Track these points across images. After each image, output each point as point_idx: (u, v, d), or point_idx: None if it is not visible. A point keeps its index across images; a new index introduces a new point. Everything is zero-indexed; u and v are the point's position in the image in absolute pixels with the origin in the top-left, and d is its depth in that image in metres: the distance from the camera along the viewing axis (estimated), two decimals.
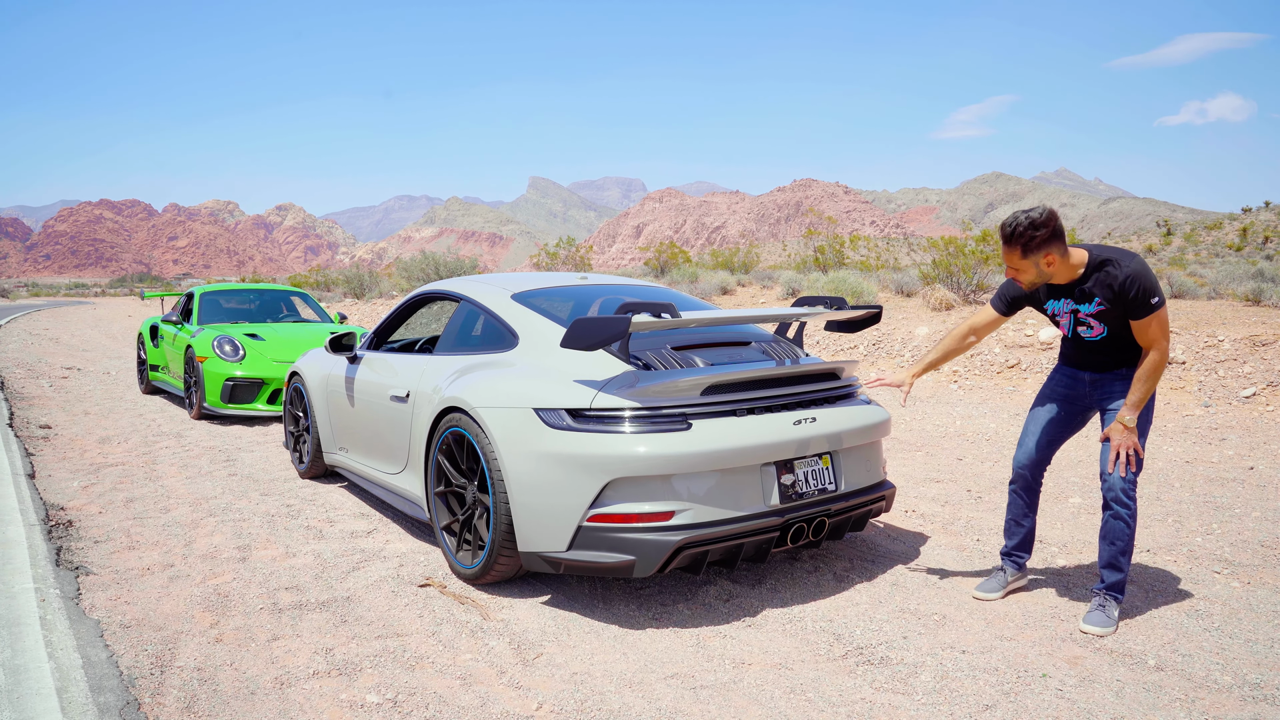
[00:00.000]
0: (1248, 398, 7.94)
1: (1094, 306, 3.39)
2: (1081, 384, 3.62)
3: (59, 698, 2.84)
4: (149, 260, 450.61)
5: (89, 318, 32.70)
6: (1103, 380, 3.54)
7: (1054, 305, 3.55)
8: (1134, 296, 3.26)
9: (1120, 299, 3.30)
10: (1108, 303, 3.34)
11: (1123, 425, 3.35)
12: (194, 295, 10.19)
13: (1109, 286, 3.31)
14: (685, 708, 2.83)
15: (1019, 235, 3.29)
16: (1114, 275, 3.29)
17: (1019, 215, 3.31)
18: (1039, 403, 3.75)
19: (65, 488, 5.69)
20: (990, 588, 3.74)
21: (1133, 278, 3.25)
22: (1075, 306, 3.46)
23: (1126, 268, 3.27)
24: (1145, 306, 3.27)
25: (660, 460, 3.35)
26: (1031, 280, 3.40)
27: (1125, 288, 3.26)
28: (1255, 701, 2.83)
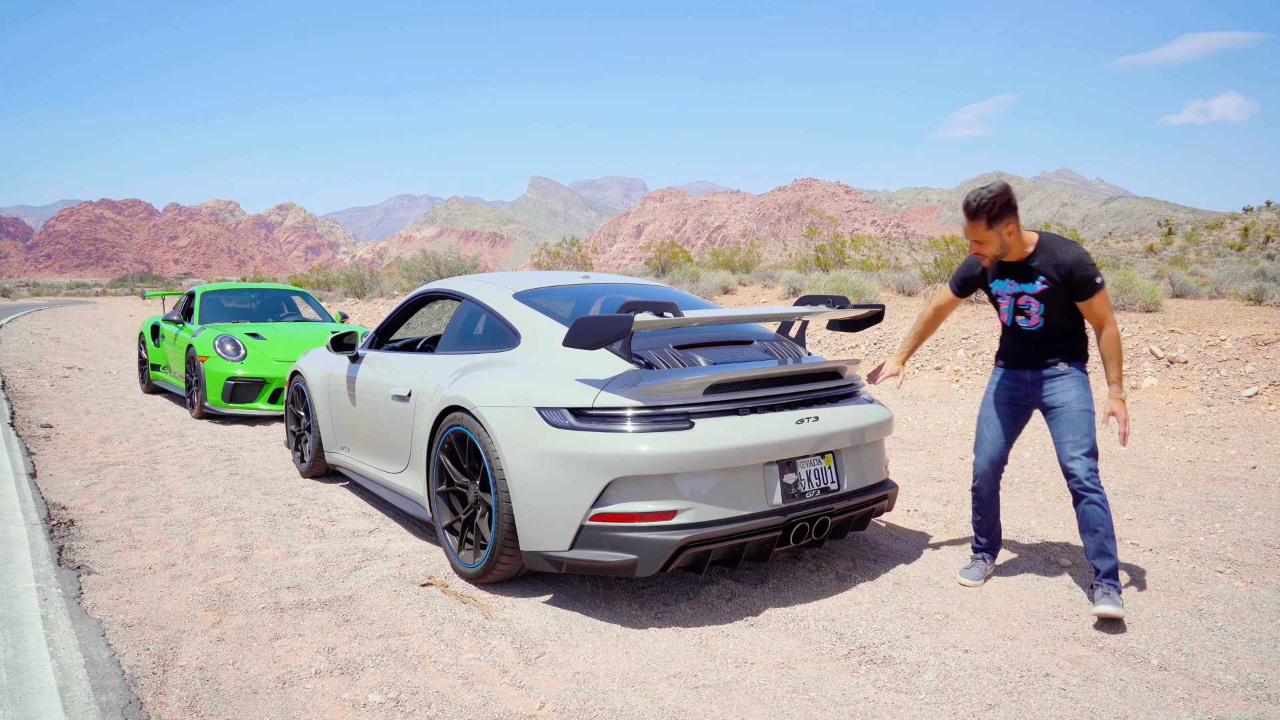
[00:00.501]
0: (1250, 397, 7.93)
1: (1037, 285, 3.57)
2: (1023, 384, 3.77)
3: (61, 697, 2.84)
4: (150, 260, 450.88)
5: (90, 317, 32.71)
6: (1042, 379, 3.71)
7: (998, 285, 3.72)
8: (1080, 277, 3.50)
9: (1067, 279, 3.51)
10: (1052, 282, 3.53)
11: (1121, 400, 3.58)
12: (195, 295, 10.19)
13: (1056, 266, 3.52)
14: (688, 707, 2.83)
15: (984, 207, 3.47)
16: (1061, 256, 3.53)
17: (979, 190, 3.51)
18: (987, 408, 3.90)
19: (67, 487, 5.68)
20: (974, 575, 3.89)
21: (1079, 259, 3.51)
22: (1020, 287, 3.63)
23: (1072, 249, 3.54)
24: (1091, 285, 3.50)
25: (662, 459, 3.35)
26: (995, 253, 3.58)
27: (1073, 268, 3.49)
28: (1259, 701, 2.83)
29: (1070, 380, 3.64)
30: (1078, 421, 3.57)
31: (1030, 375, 3.74)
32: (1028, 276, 3.60)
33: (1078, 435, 3.56)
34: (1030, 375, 3.74)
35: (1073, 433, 3.57)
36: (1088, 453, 3.54)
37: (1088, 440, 3.55)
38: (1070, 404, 3.60)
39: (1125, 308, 12.54)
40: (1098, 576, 3.54)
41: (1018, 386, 3.79)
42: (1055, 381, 3.66)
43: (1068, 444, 3.58)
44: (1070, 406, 3.60)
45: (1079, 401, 3.60)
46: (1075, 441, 3.56)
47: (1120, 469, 6.00)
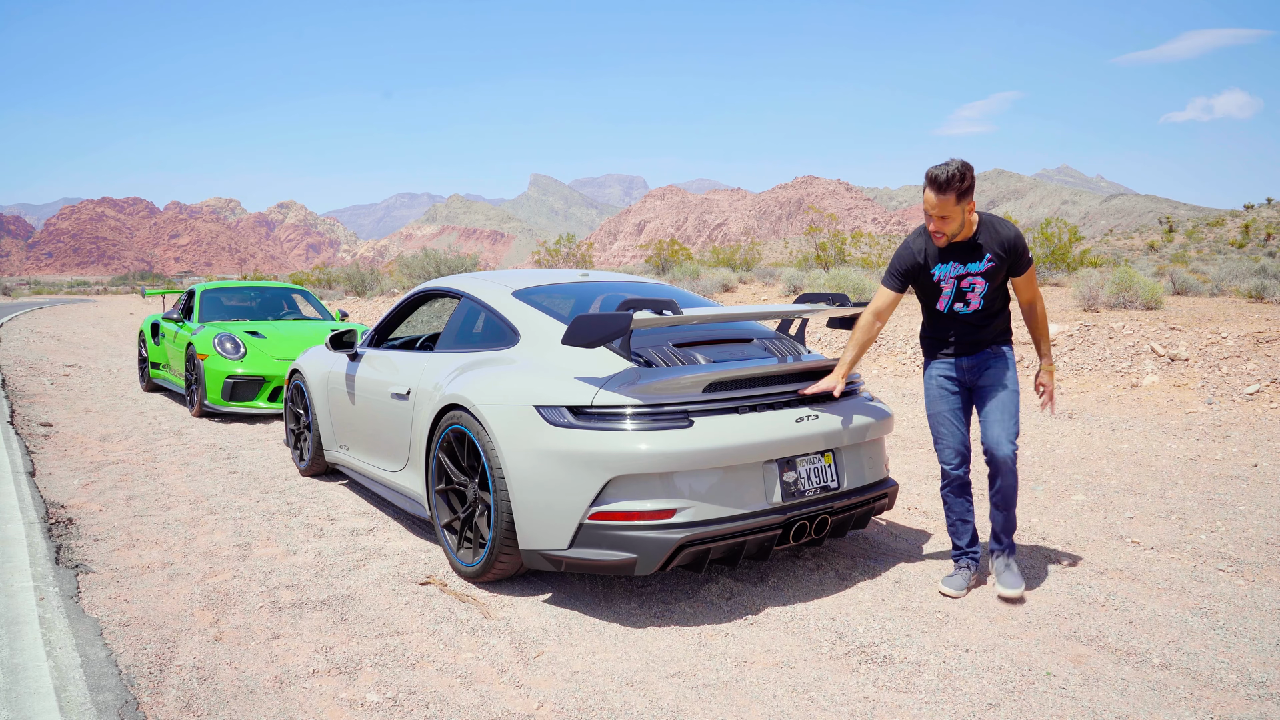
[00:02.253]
0: (1251, 394, 7.91)
1: (983, 264, 3.63)
2: (961, 371, 3.81)
3: (57, 697, 2.83)
4: (151, 258, 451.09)
5: (90, 315, 32.72)
6: (977, 364, 3.78)
7: (941, 270, 3.71)
8: (1022, 251, 3.67)
9: (1011, 253, 3.64)
10: (998, 258, 3.63)
11: (1050, 370, 3.83)
12: (195, 293, 10.18)
13: (1000, 243, 3.63)
14: (687, 706, 2.81)
15: (953, 181, 3.47)
16: (1004, 231, 3.65)
17: (949, 164, 3.49)
18: (934, 404, 3.87)
19: (65, 485, 5.67)
20: (957, 584, 3.77)
21: (1018, 235, 3.67)
22: (965, 268, 3.65)
23: (1011, 228, 3.67)
24: (1027, 260, 3.70)
25: (662, 458, 3.33)
26: (954, 230, 3.59)
27: (1017, 243, 3.65)
28: (1261, 700, 2.81)
29: (1002, 363, 3.75)
30: (1006, 404, 3.69)
31: (968, 362, 3.79)
32: (974, 255, 3.64)
33: (1005, 418, 3.68)
34: (968, 362, 3.79)
35: (1001, 414, 3.68)
36: (1015, 433, 3.69)
37: (1014, 422, 3.69)
38: (1002, 384, 3.71)
39: (1125, 305, 12.53)
40: (1000, 547, 3.79)
41: (957, 374, 3.82)
42: (988, 364, 3.76)
43: (996, 425, 3.68)
44: (1003, 388, 3.71)
45: (1011, 382, 3.72)
46: (1003, 424, 3.67)
47: (1121, 467, 5.99)
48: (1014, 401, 3.70)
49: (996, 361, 3.76)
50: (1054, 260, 19.30)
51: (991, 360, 3.76)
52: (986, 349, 3.77)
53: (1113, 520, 4.77)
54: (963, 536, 3.88)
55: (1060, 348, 10.05)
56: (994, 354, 3.76)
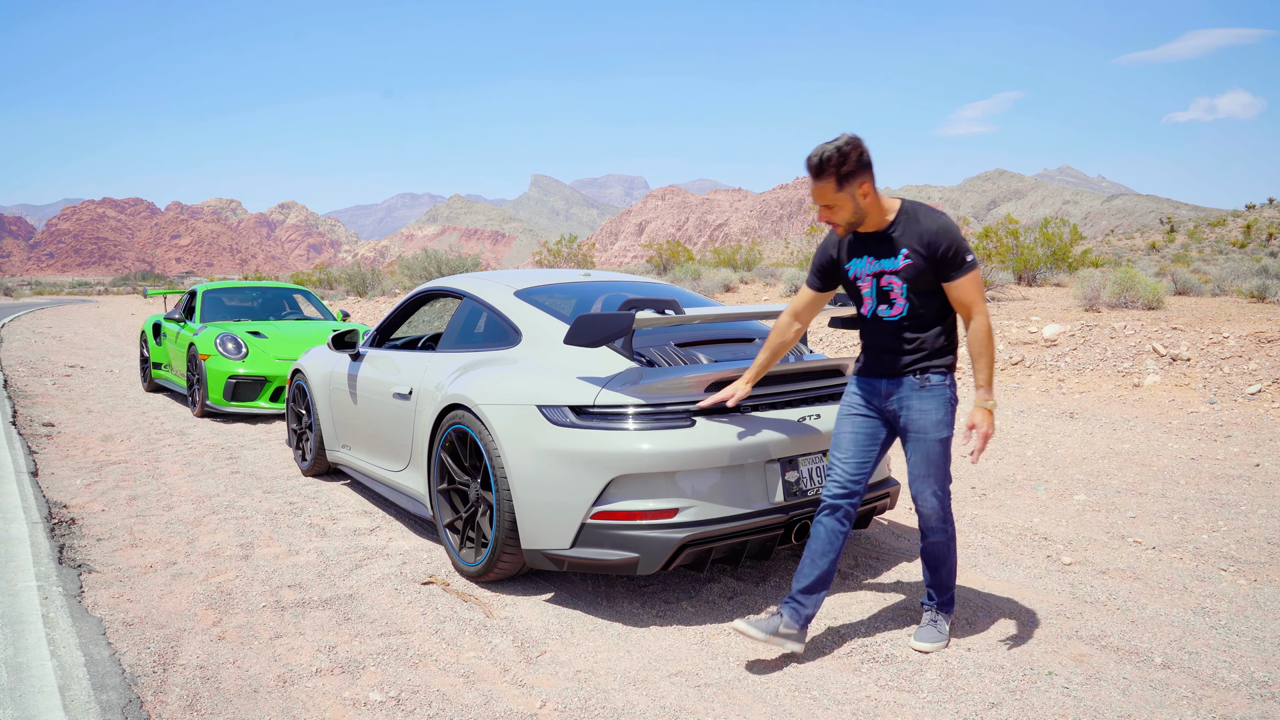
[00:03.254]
0: (1253, 394, 7.91)
1: (900, 260, 3.03)
2: (878, 396, 3.20)
3: (61, 696, 2.83)
4: (152, 258, 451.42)
5: (92, 316, 32.74)
6: (898, 393, 3.14)
7: (856, 265, 3.15)
8: (945, 250, 2.98)
9: (931, 253, 2.99)
10: (916, 255, 3.00)
11: (986, 410, 3.03)
12: (196, 293, 10.19)
13: (919, 236, 3.00)
14: (689, 705, 2.82)
15: (830, 162, 2.92)
16: (925, 224, 3.02)
17: (825, 145, 2.94)
18: (840, 424, 3.29)
19: (68, 485, 5.68)
20: (759, 626, 3.09)
21: (944, 229, 3.00)
22: (880, 264, 3.07)
23: (938, 219, 3.03)
24: (960, 262, 2.99)
25: (664, 457, 3.34)
26: (848, 219, 3.03)
27: (937, 240, 2.98)
28: (1263, 699, 2.81)
29: (930, 399, 3.09)
30: (933, 454, 3.11)
31: (886, 387, 3.16)
32: (889, 250, 3.06)
33: (931, 469, 3.12)
34: (886, 387, 3.16)
35: (926, 466, 3.12)
36: (942, 487, 3.15)
37: (943, 474, 3.14)
38: (928, 432, 3.09)
39: (1127, 305, 12.53)
40: (929, 604, 3.32)
41: (874, 397, 3.21)
42: (913, 399, 3.11)
43: (920, 479, 3.15)
44: (928, 435, 3.10)
45: (936, 428, 3.09)
46: (928, 480, 3.13)
47: (1122, 467, 5.99)
48: (942, 450, 3.11)
49: (923, 399, 3.09)
50: (1055, 260, 19.30)
51: (916, 395, 3.10)
52: (910, 375, 3.10)
53: (1114, 520, 4.78)
54: (802, 578, 3.17)
55: (1061, 348, 10.05)
56: (919, 385, 3.09)
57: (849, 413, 3.27)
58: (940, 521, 3.19)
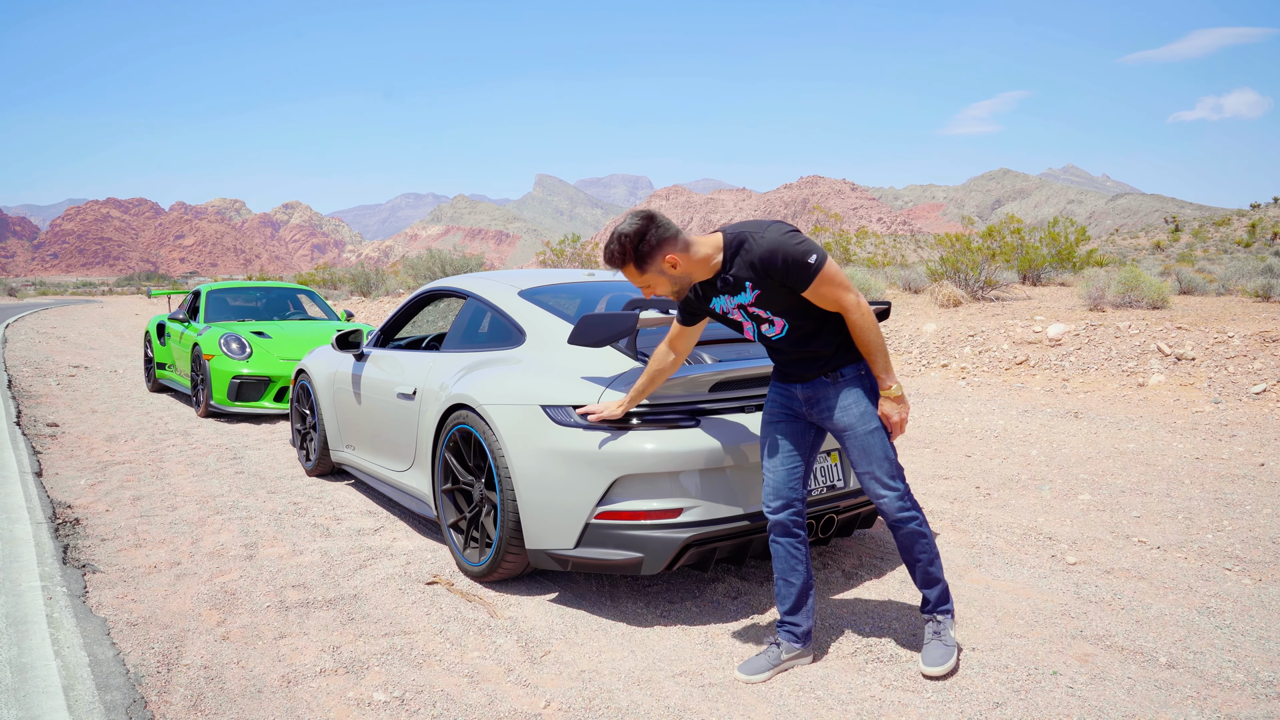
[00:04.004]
0: (1258, 394, 7.89)
1: (750, 293, 2.91)
2: (797, 401, 3.11)
3: (65, 696, 2.84)
4: (156, 259, 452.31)
5: (96, 316, 32.80)
6: (814, 396, 3.05)
7: (719, 303, 3.04)
8: (784, 267, 2.80)
9: (769, 274, 2.83)
10: (760, 285, 2.87)
11: (891, 398, 2.95)
12: (201, 293, 10.21)
13: (751, 266, 2.85)
14: (694, 705, 2.81)
15: (619, 256, 2.87)
16: (752, 252, 2.84)
17: (615, 230, 2.87)
18: (764, 432, 3.20)
19: (72, 486, 5.69)
20: (755, 667, 3.04)
21: (772, 249, 2.80)
22: (736, 301, 2.98)
23: (762, 240, 2.82)
24: (804, 271, 2.80)
25: (668, 457, 3.33)
26: (672, 290, 2.95)
27: (769, 261, 2.80)
28: (1268, 699, 2.81)
29: (848, 393, 2.99)
30: (868, 446, 2.98)
31: (801, 390, 3.08)
32: (735, 287, 2.93)
33: (872, 462, 2.98)
34: (801, 390, 3.08)
35: (866, 461, 2.99)
36: (890, 476, 2.99)
37: (886, 463, 2.98)
38: (854, 426, 2.98)
39: (1131, 305, 12.50)
40: (926, 607, 3.12)
41: (792, 402, 3.12)
42: (829, 398, 3.02)
43: (865, 476, 3.01)
44: (855, 429, 2.98)
45: (862, 420, 2.97)
46: (871, 471, 2.99)
47: (1127, 466, 5.97)
48: (877, 442, 2.97)
49: (839, 394, 2.99)
50: (1060, 260, 19.27)
51: (832, 394, 3.00)
52: (822, 377, 3.01)
53: (1119, 519, 4.77)
54: (784, 600, 3.12)
55: (1066, 347, 10.03)
56: (833, 383, 3.00)
57: (772, 420, 3.17)
58: (901, 511, 2.99)
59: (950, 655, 3.02)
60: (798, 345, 3.00)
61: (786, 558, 3.11)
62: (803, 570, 3.11)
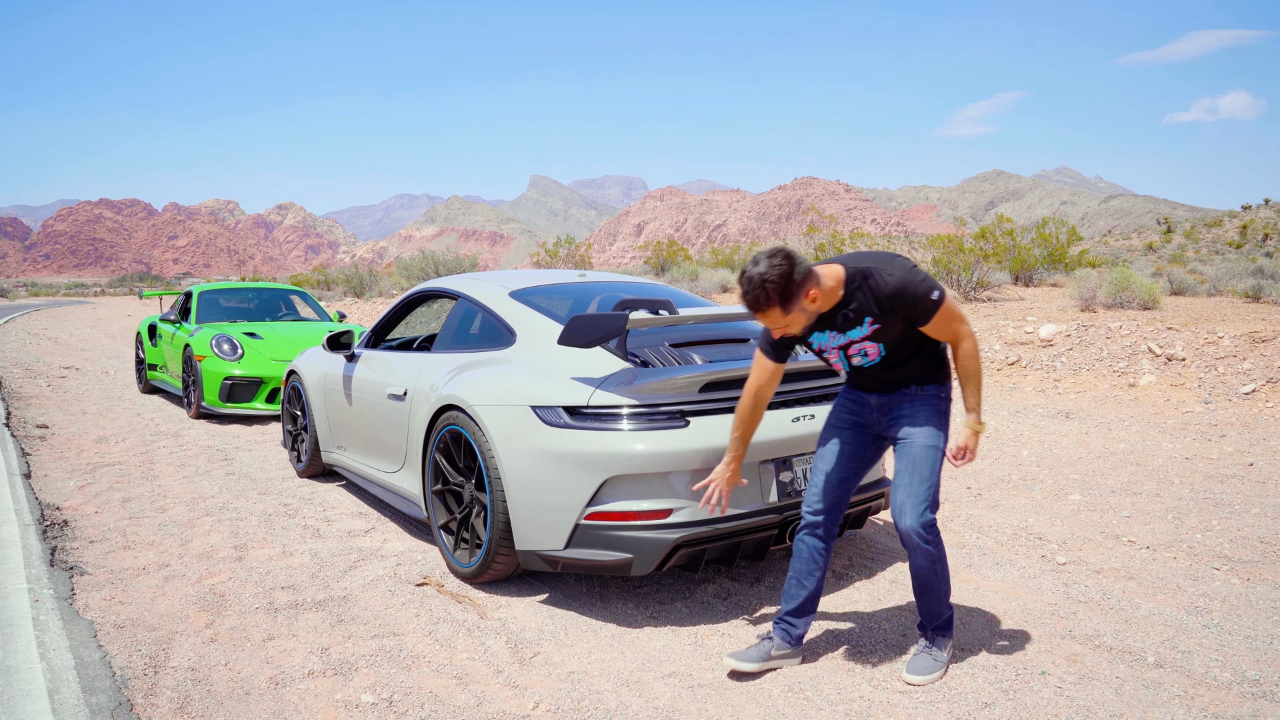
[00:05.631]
0: (1247, 394, 7.91)
1: (866, 328, 2.90)
2: (869, 409, 3.11)
3: (50, 699, 2.83)
4: (149, 260, 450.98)
5: (88, 317, 32.69)
6: (890, 404, 3.05)
7: (819, 339, 3.01)
8: (910, 303, 2.82)
9: (893, 311, 2.85)
10: (881, 320, 2.87)
11: (973, 432, 2.97)
12: (192, 294, 10.18)
13: (876, 302, 2.85)
14: (683, 706, 2.81)
15: (769, 299, 2.69)
16: (880, 288, 2.83)
17: (755, 274, 2.69)
18: (825, 435, 3.19)
19: (61, 487, 5.67)
20: (745, 656, 3.06)
21: (900, 286, 2.81)
22: (845, 338, 2.95)
23: (891, 277, 2.82)
24: (927, 306, 2.83)
25: (658, 458, 3.33)
26: (807, 324, 2.85)
27: (896, 300, 2.82)
28: (1254, 698, 2.81)
29: (924, 409, 3.00)
30: (919, 464, 2.94)
31: (876, 399, 3.07)
32: (851, 322, 2.91)
33: (914, 480, 2.93)
34: (876, 399, 3.07)
35: (909, 477, 2.94)
36: (925, 501, 2.92)
37: (926, 490, 2.92)
38: (915, 438, 2.97)
39: (1122, 305, 12.54)
40: (924, 630, 3.10)
41: (863, 411, 3.12)
42: (904, 408, 3.02)
43: (900, 489, 2.96)
44: (915, 440, 2.97)
45: (926, 436, 2.96)
46: (910, 487, 2.94)
47: (1118, 466, 5.99)
48: (930, 460, 2.94)
49: (916, 407, 2.99)
50: (1052, 261, 19.32)
51: (909, 404, 3.01)
52: (906, 388, 3.02)
53: (1109, 519, 4.78)
54: (791, 599, 3.12)
55: (1057, 348, 10.05)
56: (913, 395, 3.01)
57: (837, 425, 3.17)
58: (925, 542, 2.92)
59: (936, 669, 2.99)
60: (888, 370, 3.00)
61: (809, 560, 3.11)
62: (818, 576, 3.11)
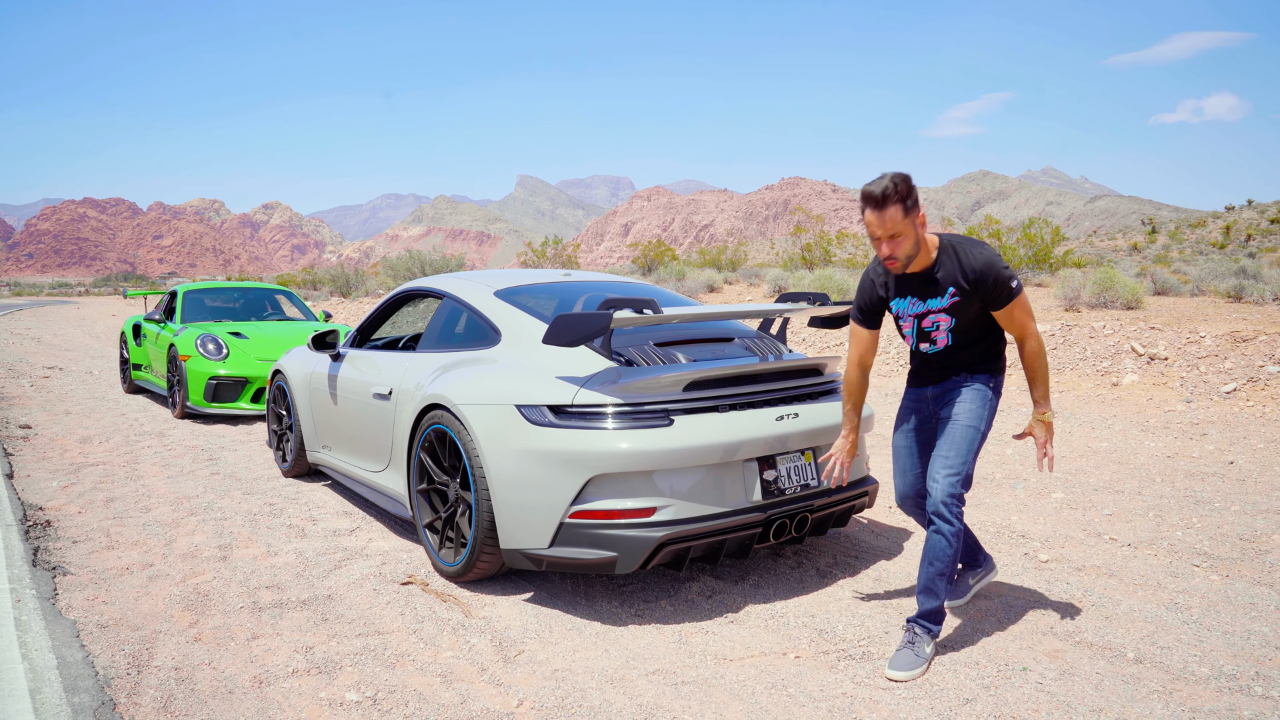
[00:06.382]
0: (1228, 393, 7.99)
1: (946, 299, 3.09)
2: (926, 403, 3.35)
3: (32, 699, 2.81)
4: (134, 259, 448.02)
5: (72, 317, 32.46)
6: (943, 392, 3.28)
7: (899, 305, 3.22)
8: (993, 284, 3.01)
9: (978, 288, 3.03)
10: (962, 294, 3.05)
11: (1044, 423, 3.14)
12: (177, 294, 10.13)
13: (964, 273, 3.03)
14: (666, 704, 2.82)
15: (892, 190, 2.90)
16: (970, 260, 3.02)
17: (883, 178, 2.94)
18: (897, 435, 3.46)
19: (44, 488, 5.63)
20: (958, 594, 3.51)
21: (989, 263, 3.00)
22: (925, 305, 3.14)
23: (981, 254, 3.02)
24: (1006, 292, 3.02)
25: (642, 456, 3.34)
26: (908, 252, 3.01)
27: (984, 275, 3.00)
28: (1231, 692, 2.85)
29: (974, 392, 3.18)
30: (958, 438, 3.11)
31: (933, 391, 3.32)
32: (934, 290, 3.10)
33: (950, 453, 3.10)
34: (933, 391, 3.32)
35: (948, 449, 3.11)
36: (954, 474, 3.06)
37: (959, 461, 3.08)
38: (960, 417, 3.15)
39: (1106, 305, 12.62)
40: (912, 616, 3.16)
41: (921, 405, 3.37)
42: (954, 392, 3.22)
43: (938, 460, 3.11)
44: (959, 419, 3.14)
45: (968, 415, 3.14)
46: (945, 459, 3.09)
47: (1100, 465, 6.04)
48: (968, 439, 3.10)
49: (964, 391, 3.19)
50: (1036, 261, 19.42)
51: (959, 388, 3.21)
52: (958, 376, 3.23)
53: (1091, 518, 4.82)
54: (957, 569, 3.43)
55: None
56: (963, 382, 3.21)
57: (906, 427, 3.43)
58: (947, 511, 3.03)
59: (918, 666, 3.01)
60: (948, 356, 3.22)
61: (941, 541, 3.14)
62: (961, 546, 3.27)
